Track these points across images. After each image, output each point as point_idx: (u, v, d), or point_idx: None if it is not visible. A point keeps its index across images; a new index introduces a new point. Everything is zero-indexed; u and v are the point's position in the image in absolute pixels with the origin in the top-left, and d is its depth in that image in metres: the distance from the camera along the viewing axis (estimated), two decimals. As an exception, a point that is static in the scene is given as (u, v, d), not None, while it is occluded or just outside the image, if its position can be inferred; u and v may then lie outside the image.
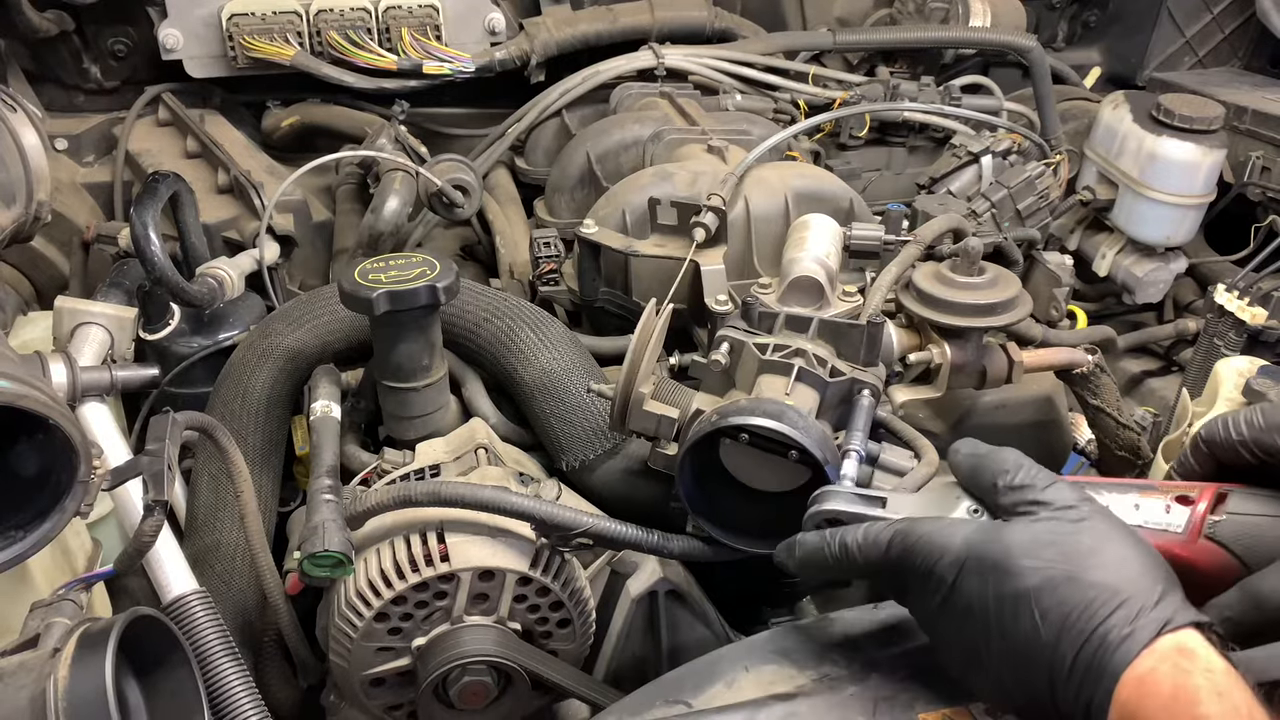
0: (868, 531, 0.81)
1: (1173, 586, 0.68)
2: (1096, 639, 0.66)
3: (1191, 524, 0.76)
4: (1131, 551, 0.70)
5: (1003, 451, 0.81)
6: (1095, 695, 0.65)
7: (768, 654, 0.89)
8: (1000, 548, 0.72)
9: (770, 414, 0.97)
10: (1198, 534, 0.75)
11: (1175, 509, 0.77)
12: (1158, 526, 0.77)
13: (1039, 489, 0.75)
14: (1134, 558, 0.69)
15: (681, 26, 2.19)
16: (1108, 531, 0.71)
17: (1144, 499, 0.80)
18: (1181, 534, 0.76)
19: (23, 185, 1.45)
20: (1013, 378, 1.36)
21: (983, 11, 2.23)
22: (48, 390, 0.86)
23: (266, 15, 1.96)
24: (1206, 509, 0.77)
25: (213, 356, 1.43)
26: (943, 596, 0.75)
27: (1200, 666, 0.63)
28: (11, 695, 0.79)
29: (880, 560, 0.80)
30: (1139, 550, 0.70)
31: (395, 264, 1.19)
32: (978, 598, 0.73)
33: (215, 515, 1.25)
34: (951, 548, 0.75)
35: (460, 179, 1.75)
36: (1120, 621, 0.66)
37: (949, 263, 1.35)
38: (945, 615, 0.76)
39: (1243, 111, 2.07)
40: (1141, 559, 0.69)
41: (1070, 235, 2.14)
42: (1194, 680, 0.62)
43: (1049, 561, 0.70)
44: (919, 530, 0.78)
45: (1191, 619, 0.66)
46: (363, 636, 1.08)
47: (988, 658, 0.73)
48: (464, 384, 1.36)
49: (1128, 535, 0.72)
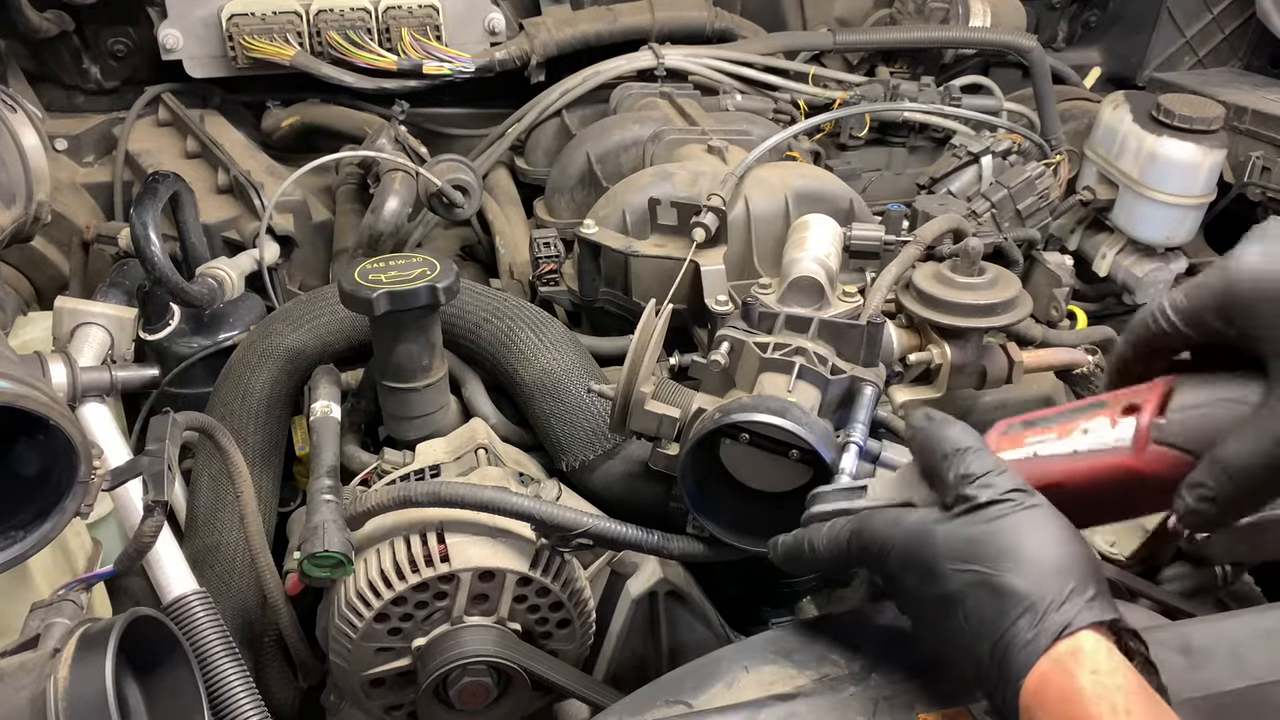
0: (830, 530, 0.84)
1: (1085, 582, 0.69)
2: (1004, 644, 0.68)
3: (1138, 434, 0.71)
4: (1048, 549, 0.70)
5: (948, 428, 0.80)
6: (1006, 696, 0.68)
7: (768, 654, 0.89)
8: (929, 551, 0.74)
9: (774, 410, 0.97)
10: (1145, 442, 0.71)
11: (1122, 423, 0.74)
12: (1105, 446, 0.73)
13: (974, 480, 0.75)
14: (1049, 556, 0.70)
15: (681, 26, 2.19)
16: (1028, 527, 0.71)
17: (1091, 421, 0.76)
18: (1129, 447, 0.72)
19: (23, 185, 1.45)
20: (1013, 378, 1.36)
21: (983, 11, 2.23)
22: (48, 390, 0.86)
23: (266, 15, 1.96)
24: (1151, 414, 0.72)
25: (213, 357, 1.43)
26: (894, 588, 0.79)
27: (1086, 669, 0.65)
28: (11, 695, 0.79)
29: (844, 556, 0.83)
30: (1056, 546, 0.71)
31: (395, 264, 1.19)
32: (915, 595, 0.77)
33: (215, 515, 1.25)
34: (895, 545, 0.77)
35: (460, 179, 1.75)
36: (1024, 627, 0.68)
37: (949, 263, 1.35)
38: (903, 603, 0.80)
39: (1243, 111, 2.07)
40: (1057, 555, 0.70)
41: (1070, 235, 2.14)
42: (1078, 683, 0.64)
43: (969, 565, 0.72)
44: (871, 526, 0.80)
45: (1092, 619, 0.67)
46: (363, 637, 1.08)
47: (937, 646, 0.77)
48: (464, 384, 1.36)
49: (1048, 529, 0.72)
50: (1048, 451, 0.77)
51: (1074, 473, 0.75)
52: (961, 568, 0.72)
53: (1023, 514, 0.72)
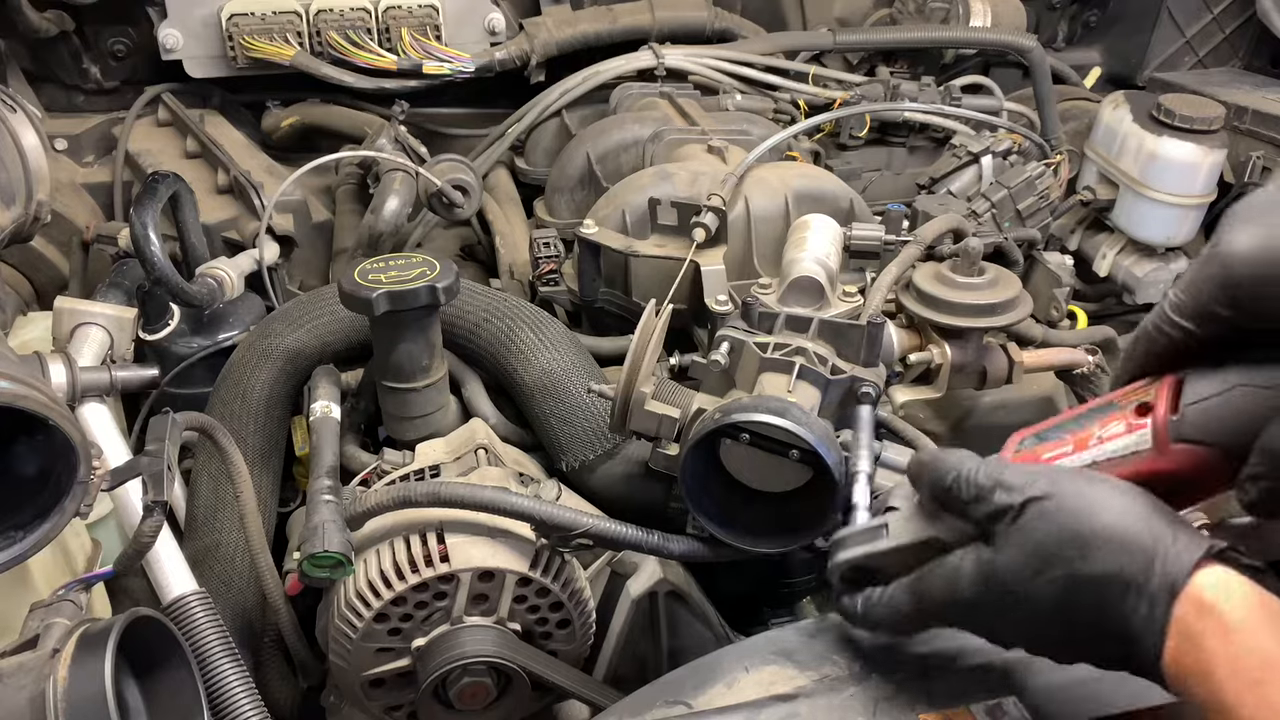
0: (888, 607, 0.81)
1: (1164, 529, 0.66)
2: (1129, 635, 0.65)
3: (1157, 433, 0.69)
4: (1109, 516, 0.67)
5: (940, 460, 0.77)
6: (1160, 680, 0.65)
7: (768, 654, 0.89)
8: (1003, 588, 0.71)
9: (774, 410, 0.97)
10: (1166, 442, 0.68)
11: (1137, 425, 0.71)
12: (1126, 452, 0.71)
13: (988, 494, 0.72)
14: (1114, 523, 0.67)
15: (681, 26, 2.19)
16: (1074, 507, 0.68)
17: (1105, 426, 0.74)
18: (1150, 449, 0.69)
19: (22, 185, 1.44)
20: (1013, 378, 1.36)
21: (983, 11, 2.23)
22: (47, 391, 0.86)
23: (266, 15, 1.96)
24: (1166, 410, 0.70)
25: (212, 357, 1.43)
26: (995, 637, 0.76)
27: (1211, 632, 0.61)
28: (11, 696, 0.79)
29: (914, 626, 0.82)
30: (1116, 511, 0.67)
31: (395, 264, 1.19)
32: (1022, 633, 0.73)
33: (215, 516, 1.25)
34: (969, 601, 0.74)
35: (460, 179, 1.75)
36: (1137, 607, 0.64)
37: (949, 263, 1.35)
38: (1013, 642, 0.76)
39: (1243, 111, 2.07)
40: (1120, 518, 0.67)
41: (1070, 235, 2.14)
42: (1209, 656, 0.61)
43: (1047, 573, 0.68)
44: (930, 594, 0.77)
45: (1193, 560, 0.63)
46: (362, 637, 1.08)
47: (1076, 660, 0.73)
48: (464, 384, 1.35)
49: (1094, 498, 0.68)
50: (1069, 464, 0.75)
51: None
52: (1045, 581, 0.68)
53: (1057, 500, 0.69)
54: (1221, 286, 0.66)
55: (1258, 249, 0.64)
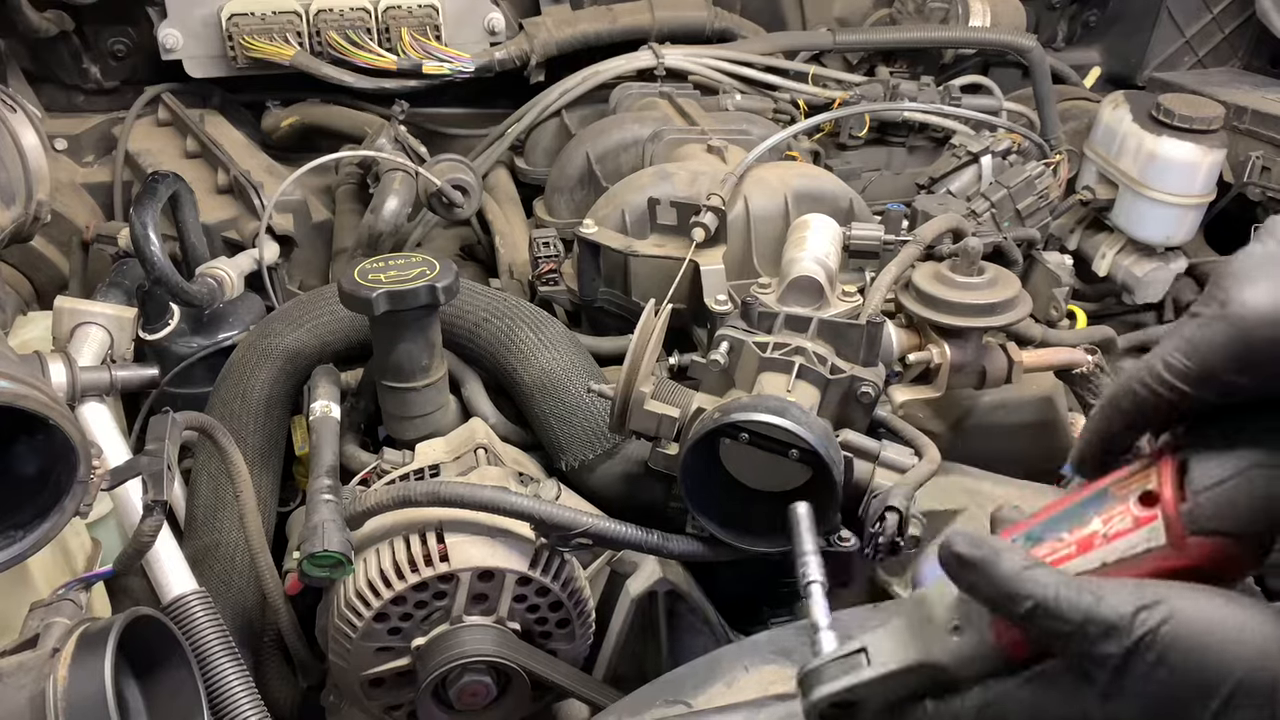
0: None
1: None
2: None
3: (1170, 527, 0.61)
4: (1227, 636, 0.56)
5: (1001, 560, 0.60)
6: None
7: (768, 654, 0.89)
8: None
9: (773, 410, 0.97)
10: (1181, 536, 0.60)
11: (1144, 517, 0.62)
12: (1138, 551, 0.61)
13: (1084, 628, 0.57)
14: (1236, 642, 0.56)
15: (681, 26, 2.19)
16: (1189, 638, 0.56)
17: (1107, 521, 0.64)
18: (1165, 545, 0.60)
19: (22, 185, 1.45)
20: (1012, 378, 1.36)
21: (982, 11, 2.23)
22: (47, 390, 0.86)
23: (266, 15, 1.96)
24: (1174, 499, 0.61)
25: (212, 356, 1.43)
26: None
27: None
28: (11, 695, 0.79)
29: None
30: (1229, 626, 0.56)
31: (395, 264, 1.19)
32: None
33: (215, 515, 1.25)
34: None
35: (460, 179, 1.75)
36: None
37: (949, 263, 1.35)
38: None
39: (1243, 111, 2.07)
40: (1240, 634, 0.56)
41: (1070, 235, 2.14)
42: None
43: None
44: None
45: None
46: (362, 636, 1.08)
47: None
48: (463, 384, 1.36)
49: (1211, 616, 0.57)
50: (1075, 570, 0.63)
51: None
52: None
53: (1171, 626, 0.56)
54: (1235, 350, 0.58)
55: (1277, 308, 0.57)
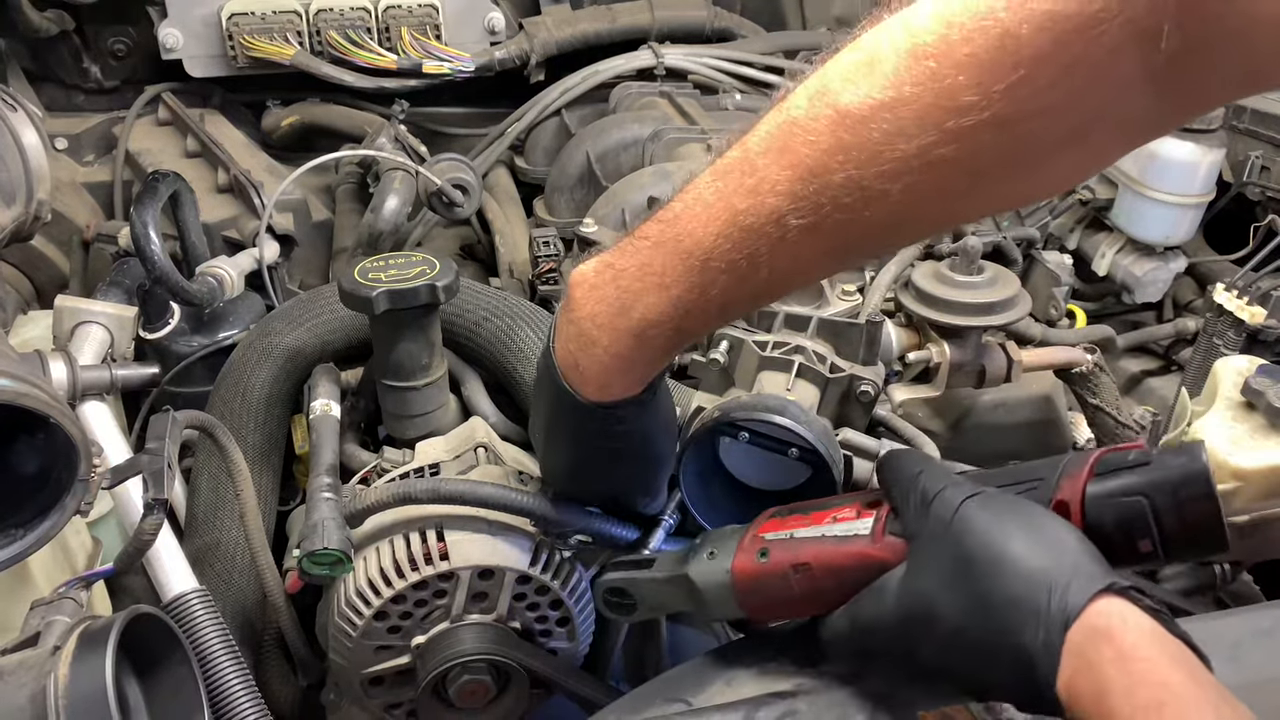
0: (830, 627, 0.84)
1: (1072, 564, 0.66)
2: (1025, 666, 0.65)
3: (876, 526, 0.80)
4: (1016, 548, 0.68)
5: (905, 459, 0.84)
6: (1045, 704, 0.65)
7: (767, 651, 0.89)
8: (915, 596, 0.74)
9: (772, 409, 0.97)
10: (882, 533, 0.79)
11: (864, 513, 0.82)
12: (848, 534, 0.81)
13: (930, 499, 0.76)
14: (1020, 555, 0.68)
15: (681, 26, 2.19)
16: (985, 534, 0.70)
17: (840, 512, 0.84)
18: (869, 536, 0.80)
19: (23, 185, 1.45)
20: (1012, 377, 1.36)
21: (982, 11, 2.23)
22: (48, 389, 0.86)
23: (266, 15, 1.96)
24: (887, 509, 0.81)
25: (212, 355, 1.43)
26: None
27: (1107, 656, 0.61)
28: (11, 693, 0.79)
29: None
30: (1021, 542, 0.69)
31: (395, 263, 1.19)
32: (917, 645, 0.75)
33: (215, 514, 1.25)
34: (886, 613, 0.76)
35: (460, 178, 1.75)
36: (1031, 637, 0.64)
37: (948, 261, 1.35)
38: None
39: (1242, 111, 2.07)
40: (1024, 551, 0.68)
41: (1070, 234, 2.14)
42: (1105, 676, 0.61)
43: (957, 589, 0.70)
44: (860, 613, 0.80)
45: (1091, 592, 0.64)
46: (362, 635, 1.08)
47: None
48: (464, 383, 1.36)
49: (1003, 528, 0.70)
50: (802, 535, 0.84)
51: (821, 555, 0.81)
52: (962, 596, 0.70)
53: (969, 522, 0.72)
54: None
55: None
